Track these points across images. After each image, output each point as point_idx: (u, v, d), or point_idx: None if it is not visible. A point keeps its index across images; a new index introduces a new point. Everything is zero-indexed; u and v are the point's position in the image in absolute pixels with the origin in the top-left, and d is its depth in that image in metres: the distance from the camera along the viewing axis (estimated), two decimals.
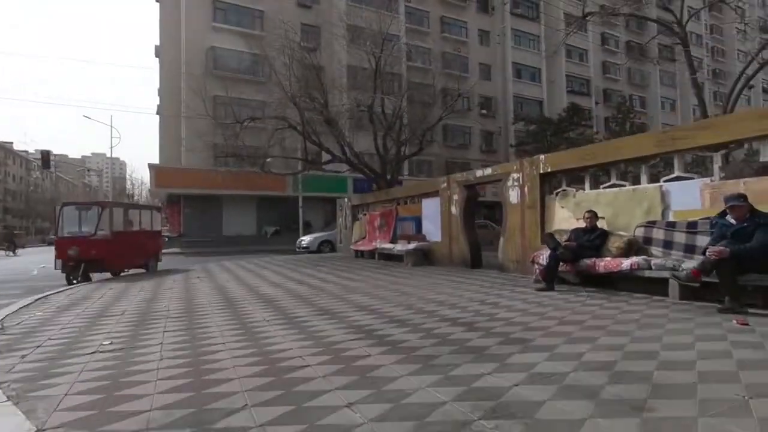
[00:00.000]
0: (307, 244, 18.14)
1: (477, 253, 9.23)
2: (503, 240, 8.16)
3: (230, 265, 11.46)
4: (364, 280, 7.52)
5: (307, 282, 7.37)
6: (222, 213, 27.32)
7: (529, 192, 7.56)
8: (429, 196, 10.83)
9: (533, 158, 7.58)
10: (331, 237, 18.28)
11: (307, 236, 19.10)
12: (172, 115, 25.58)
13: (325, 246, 18.12)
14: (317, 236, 18.80)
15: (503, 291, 5.80)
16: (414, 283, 6.91)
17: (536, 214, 7.40)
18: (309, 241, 18.32)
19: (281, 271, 9.60)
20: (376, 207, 13.72)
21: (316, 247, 17.93)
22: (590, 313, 4.17)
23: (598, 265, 5.60)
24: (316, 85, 13.37)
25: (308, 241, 18.28)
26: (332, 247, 17.91)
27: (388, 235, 12.41)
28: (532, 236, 7.48)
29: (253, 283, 7.47)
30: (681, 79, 52.55)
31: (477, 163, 37.10)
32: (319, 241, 18.23)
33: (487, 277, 7.36)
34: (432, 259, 10.31)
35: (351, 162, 14.70)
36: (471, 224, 9.52)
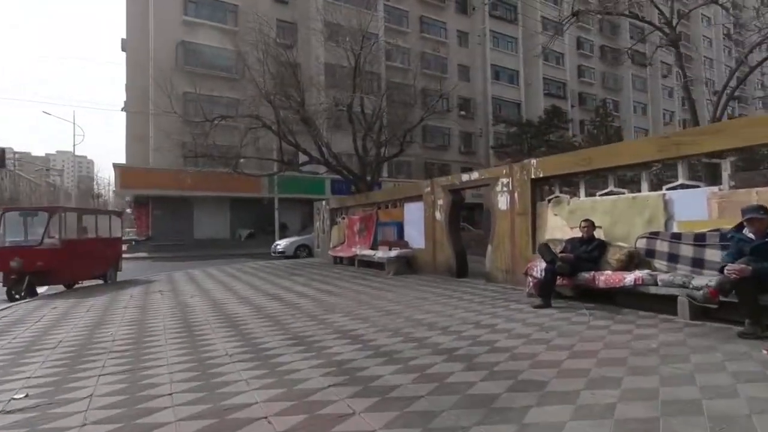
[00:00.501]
0: (283, 248, 17.34)
1: (463, 261, 8.75)
2: (491, 248, 7.70)
3: (198, 274, 10.64)
4: (343, 293, 6.92)
5: (281, 297, 6.71)
6: (193, 215, 26.17)
7: (520, 198, 7.12)
8: (412, 200, 10.31)
9: (524, 163, 7.14)
10: (308, 241, 17.47)
11: (283, 240, 18.32)
12: (139, 112, 24.28)
13: (302, 250, 17.37)
14: (294, 240, 18.00)
15: (497, 308, 5.30)
16: (399, 297, 6.35)
17: (527, 221, 6.96)
18: (285, 245, 17.53)
19: (253, 281, 8.88)
20: (355, 211, 13.12)
21: (292, 252, 17.17)
22: (600, 340, 3.70)
23: (597, 279, 5.17)
24: (292, 83, 12.66)
25: (284, 246, 17.49)
26: (309, 252, 17.17)
27: (368, 241, 11.83)
28: (522, 245, 7.04)
29: (221, 298, 6.75)
30: (652, 84, 54.11)
31: (456, 164, 37.02)
32: (296, 246, 17.46)
33: (476, 289, 6.88)
34: (415, 266, 9.79)
35: (329, 163, 14.04)
36: (456, 231, 9.04)
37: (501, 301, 5.83)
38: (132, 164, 25.38)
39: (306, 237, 18.05)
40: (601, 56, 48.75)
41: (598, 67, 48.54)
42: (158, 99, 16.12)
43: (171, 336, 4.29)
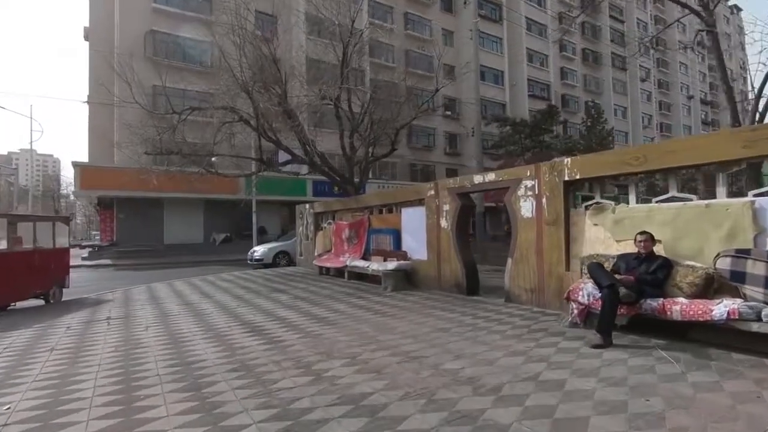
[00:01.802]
0: (261, 255, 15.91)
1: (474, 276, 7.58)
2: (511, 262, 6.54)
3: (162, 291, 9.13)
4: (339, 320, 5.62)
5: (261, 329, 5.36)
6: (163, 218, 24.34)
7: (549, 204, 5.99)
8: (410, 204, 9.09)
9: (554, 162, 6.01)
10: (289, 247, 16.12)
11: (261, 246, 16.82)
12: (103, 103, 22.29)
13: (282, 258, 15.99)
14: (272, 247, 16.57)
15: (544, 347, 4.12)
16: (410, 327, 5.09)
17: (559, 232, 5.83)
18: (263, 252, 16.08)
19: (227, 302, 7.47)
20: (344, 215, 11.81)
21: (271, 260, 15.78)
22: (731, 412, 2.55)
23: (670, 309, 4.06)
24: (273, 73, 11.25)
25: (262, 253, 16.04)
26: (289, 260, 15.84)
27: (358, 250, 10.54)
28: (553, 260, 5.90)
29: (184, 330, 5.36)
30: (631, 88, 54.71)
31: (441, 166, 36.13)
32: (275, 253, 16.06)
33: (499, 314, 5.70)
34: (415, 280, 8.57)
35: (314, 163, 12.68)
36: (465, 241, 7.86)
37: (540, 333, 4.65)
38: (94, 162, 23.39)
39: (286, 243, 16.66)
40: (583, 59, 48.91)
41: (580, 70, 48.67)
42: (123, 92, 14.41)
43: (99, 407, 2.93)
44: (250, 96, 10.73)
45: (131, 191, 20.98)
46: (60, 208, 43.75)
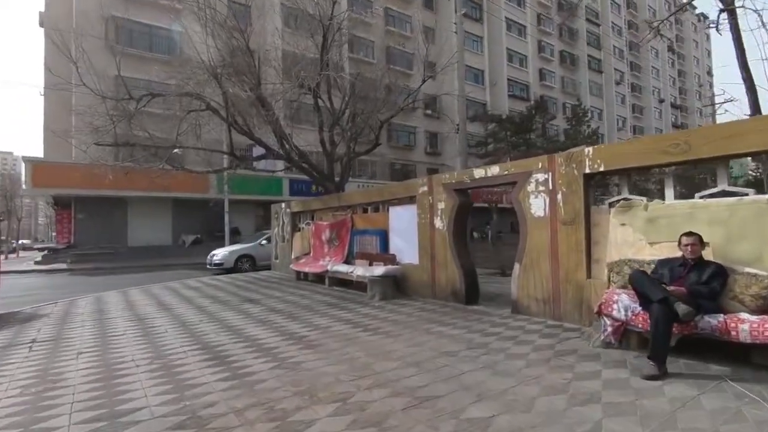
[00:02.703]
0: (221, 259, 14.45)
1: (473, 283, 6.72)
2: (520, 268, 5.71)
3: (115, 300, 7.92)
4: (322, 341, 4.64)
5: (224, 353, 4.33)
6: (127, 218, 22.68)
7: (566, 201, 5.18)
8: (400, 202, 8.18)
9: (572, 152, 5.21)
10: (252, 250, 14.95)
11: (222, 250, 15.32)
12: (60, 99, 20.54)
13: (245, 261, 14.62)
14: (234, 250, 15.12)
15: (584, 379, 3.26)
16: (411, 351, 4.17)
17: (579, 233, 5.02)
18: (223, 255, 14.62)
19: (187, 316, 6.37)
20: (323, 215, 10.79)
21: (232, 264, 14.34)
22: None
23: (735, 328, 3.29)
24: (245, 58, 10.13)
25: (222, 256, 14.58)
26: (253, 263, 14.62)
27: (340, 253, 9.56)
28: (571, 266, 5.09)
29: (126, 356, 4.27)
30: (606, 91, 55.53)
31: (422, 165, 35.42)
32: (237, 256, 14.63)
33: (512, 330, 4.84)
34: (405, 287, 7.66)
35: (291, 158, 11.61)
36: (463, 242, 6.99)
37: (571, 357, 3.81)
38: (50, 159, 21.54)
39: (249, 245, 15.31)
40: (561, 61, 49.25)
41: (558, 72, 48.96)
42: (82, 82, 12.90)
43: None
44: (218, 81, 9.58)
45: (91, 189, 19.38)
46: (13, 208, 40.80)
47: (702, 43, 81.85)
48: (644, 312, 3.79)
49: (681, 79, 74.74)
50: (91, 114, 9.51)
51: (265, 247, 14.99)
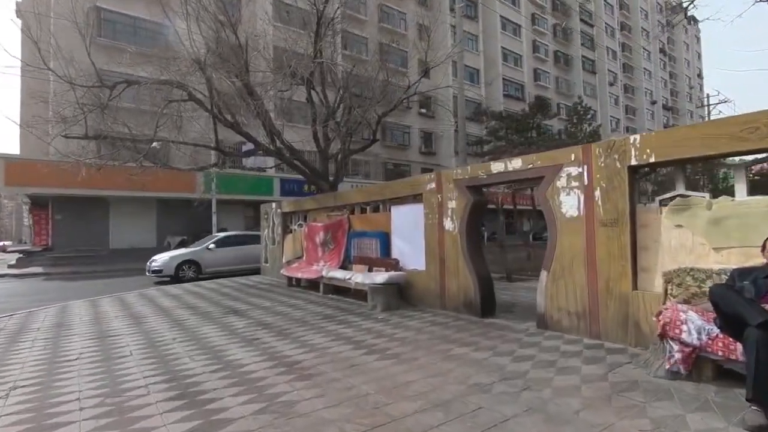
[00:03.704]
0: (160, 265, 12.64)
1: (489, 292, 5.93)
2: (547, 276, 4.93)
3: (81, 311, 6.99)
4: (318, 368, 3.81)
5: (197, 386, 3.49)
6: (109, 219, 21.58)
7: (606, 198, 4.41)
8: (403, 201, 7.37)
9: (614, 141, 4.44)
10: (197, 255, 13.19)
11: (163, 255, 13.42)
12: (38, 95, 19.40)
13: (188, 268, 12.79)
14: (175, 255, 13.19)
15: (667, 428, 2.48)
16: (428, 380, 3.36)
17: (623, 236, 4.26)
18: (163, 261, 12.76)
19: (160, 332, 5.49)
20: (317, 215, 9.95)
21: (173, 271, 12.50)
22: None
23: None
24: (231, 42, 9.26)
25: (162, 262, 12.73)
26: (198, 270, 12.91)
27: (336, 257, 8.73)
28: (613, 275, 4.32)
29: (73, 390, 3.41)
30: (600, 92, 55.42)
31: (417, 165, 34.67)
32: (178, 263, 12.73)
33: (546, 351, 4.05)
34: (409, 296, 6.85)
35: (282, 154, 10.73)
36: (478, 246, 6.21)
37: (637, 393, 3.02)
38: (28, 155, 20.41)
39: (193, 250, 13.54)
40: (555, 61, 48.94)
41: (553, 72, 48.66)
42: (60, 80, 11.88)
43: None
44: (201, 68, 8.69)
45: (70, 189, 18.25)
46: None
47: (692, 45, 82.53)
48: (724, 336, 3.03)
49: (672, 81, 75.16)
50: (59, 102, 8.55)
51: (213, 251, 13.50)
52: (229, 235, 14.70)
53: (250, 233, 15.68)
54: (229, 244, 14.00)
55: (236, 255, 13.83)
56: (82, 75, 8.69)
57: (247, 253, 13.83)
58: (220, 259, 13.54)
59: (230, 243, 14.10)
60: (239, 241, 14.40)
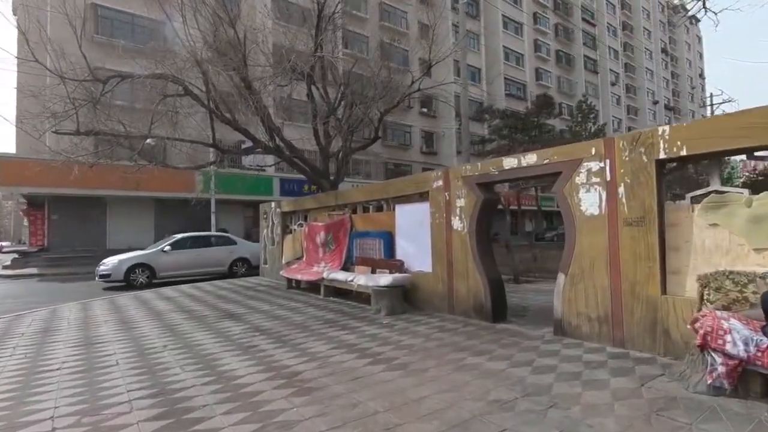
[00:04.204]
0: (109, 269, 11.38)
1: (500, 296, 5.60)
2: (565, 279, 4.60)
3: (71, 315, 6.65)
4: (320, 380, 3.48)
5: (185, 402, 3.16)
6: (106, 219, 21.27)
7: (631, 195, 4.08)
8: (408, 200, 7.04)
9: (640, 133, 4.12)
10: (151, 259, 11.93)
11: (112, 258, 12.00)
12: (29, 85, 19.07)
13: (140, 273, 11.60)
14: (125, 258, 11.78)
15: None
16: (442, 395, 3.03)
17: (650, 236, 3.93)
18: (112, 265, 11.47)
19: (150, 338, 5.15)
20: (318, 215, 9.63)
21: (122, 275, 11.36)
22: None
23: None
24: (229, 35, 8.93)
25: (111, 266, 11.46)
26: (151, 275, 11.73)
27: (338, 258, 8.40)
28: (639, 278, 3.99)
29: (41, 408, 3.07)
30: (602, 92, 55.13)
31: (418, 165, 34.34)
32: (129, 266, 11.49)
33: (568, 361, 3.72)
34: (415, 299, 6.52)
35: (281, 152, 10.41)
36: (488, 248, 5.87)
37: (675, 410, 2.69)
38: (24, 154, 20.07)
39: (146, 253, 12.25)
40: (557, 60, 48.65)
41: (554, 71, 48.37)
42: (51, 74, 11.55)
43: None
44: (197, 62, 8.36)
45: (66, 188, 17.98)
46: None
47: (694, 45, 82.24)
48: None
49: (674, 81, 74.88)
50: (48, 97, 8.23)
51: (169, 254, 12.21)
52: (189, 236, 13.23)
53: (214, 234, 15.05)
54: (188, 246, 12.74)
55: (197, 258, 12.63)
56: (74, 68, 8.35)
57: (210, 257, 12.93)
58: (177, 262, 12.29)
59: (190, 245, 12.85)
60: (200, 242, 13.22)
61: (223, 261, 13.18)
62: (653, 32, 69.09)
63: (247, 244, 14.41)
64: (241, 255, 13.61)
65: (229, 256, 13.36)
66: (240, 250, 13.74)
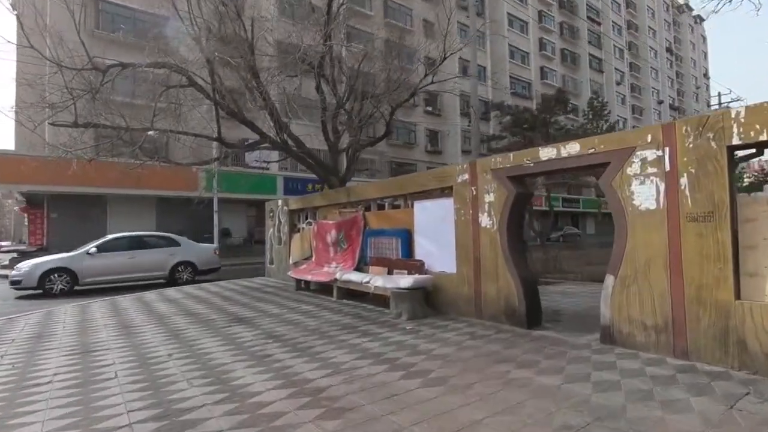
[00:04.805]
0: (21, 275, 9.86)
1: (535, 299, 5.13)
2: (615, 282, 4.13)
3: (67, 318, 6.20)
4: (348, 397, 3.02)
5: (192, 426, 2.68)
6: (106, 218, 20.81)
7: (697, 186, 3.61)
8: (428, 195, 6.58)
9: (705, 117, 3.65)
10: (71, 263, 10.30)
11: (26, 262, 10.52)
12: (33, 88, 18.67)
13: (58, 278, 10.06)
14: (40, 262, 10.30)
15: None
16: (496, 417, 2.57)
17: (721, 233, 3.46)
18: (24, 271, 9.93)
19: (153, 345, 4.69)
20: (328, 213, 9.17)
21: (35, 281, 9.82)
22: None
23: None
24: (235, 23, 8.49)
25: (23, 272, 9.92)
26: (71, 280, 10.19)
27: (351, 258, 7.93)
28: (707, 281, 3.52)
29: (34, 431, 2.61)
30: (608, 91, 54.63)
31: (422, 164, 33.87)
32: (44, 270, 9.94)
33: (630, 376, 3.24)
34: (437, 302, 6.05)
35: (288, 148, 9.95)
36: (520, 246, 5.41)
37: None
38: (23, 151, 19.66)
39: (65, 257, 10.48)
40: (562, 59, 48.18)
41: (559, 70, 47.91)
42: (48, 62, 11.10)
43: None
44: (200, 47, 7.90)
45: (66, 186, 17.62)
46: None
47: (699, 45, 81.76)
48: None
49: (679, 80, 74.40)
50: (45, 86, 7.79)
51: (95, 257, 10.53)
52: (121, 237, 11.57)
53: (152, 234, 13.06)
54: (120, 248, 11.03)
55: (130, 262, 10.95)
56: (72, 56, 7.91)
57: (146, 260, 11.20)
58: (105, 267, 10.63)
59: (122, 246, 11.10)
60: (135, 243, 11.37)
61: (163, 265, 11.44)
62: (658, 31, 68.63)
63: (194, 246, 12.49)
64: (184, 258, 11.76)
65: (170, 260, 11.54)
66: (184, 252, 11.87)
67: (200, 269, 12.02)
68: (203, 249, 12.58)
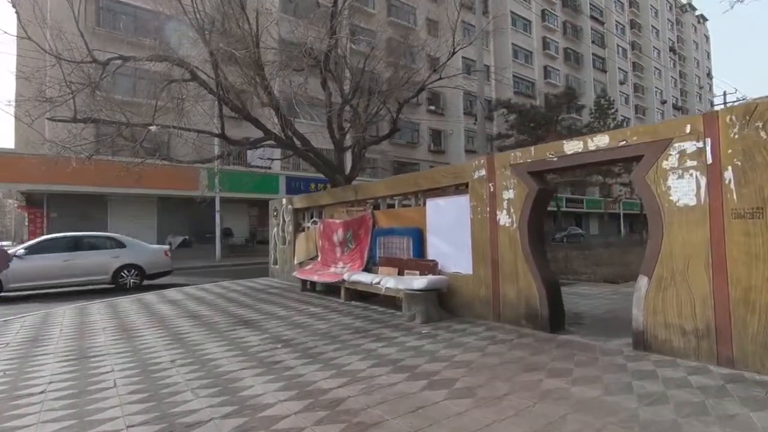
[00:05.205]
0: None
1: (557, 302, 4.85)
2: (649, 283, 3.85)
3: (65, 320, 5.93)
4: (374, 416, 2.75)
5: None
6: (107, 218, 20.58)
7: (743, 181, 3.34)
8: (442, 192, 6.30)
9: (754, 104, 3.37)
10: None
11: None
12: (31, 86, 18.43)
13: None
14: None
15: None
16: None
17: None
18: None
19: (155, 350, 4.42)
20: (335, 211, 8.90)
21: None
22: None
23: None
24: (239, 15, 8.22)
25: None
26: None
27: (359, 258, 7.66)
28: (755, 282, 3.24)
29: None
30: (611, 90, 54.31)
31: (426, 164, 33.61)
32: None
33: (674, 387, 2.97)
34: (451, 304, 5.77)
35: (293, 145, 9.68)
36: (541, 246, 5.13)
37: None
38: (23, 149, 19.43)
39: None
40: (565, 58, 47.89)
41: (563, 70, 47.62)
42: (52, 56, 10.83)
43: None
44: (203, 39, 7.64)
45: (66, 185, 17.39)
46: None
47: (702, 45, 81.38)
48: None
49: (682, 80, 74.05)
50: (42, 80, 7.54)
51: (25, 259, 9.41)
52: (56, 237, 10.56)
53: (93, 234, 11.86)
54: (54, 250, 10.01)
55: (66, 265, 9.90)
56: (70, 48, 7.65)
57: (84, 263, 10.16)
58: (36, 270, 9.51)
59: (57, 248, 10.09)
60: (72, 245, 10.33)
61: (105, 268, 10.39)
62: (661, 31, 68.32)
63: (141, 248, 11.41)
64: (130, 261, 10.72)
65: (113, 263, 10.50)
66: (129, 254, 10.82)
67: (148, 273, 11.01)
68: (152, 251, 11.59)
